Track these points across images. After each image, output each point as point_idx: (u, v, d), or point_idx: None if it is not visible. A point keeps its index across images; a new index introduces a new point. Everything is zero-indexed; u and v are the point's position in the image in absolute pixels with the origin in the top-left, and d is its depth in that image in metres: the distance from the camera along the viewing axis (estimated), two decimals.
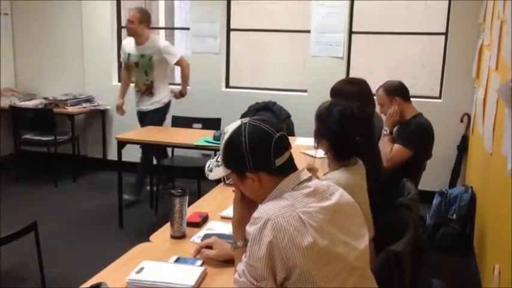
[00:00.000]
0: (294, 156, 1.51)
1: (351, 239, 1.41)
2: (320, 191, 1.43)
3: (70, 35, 5.69)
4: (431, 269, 2.82)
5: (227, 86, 5.48)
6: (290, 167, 1.46)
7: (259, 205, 1.44)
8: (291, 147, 1.50)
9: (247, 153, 1.42)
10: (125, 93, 4.81)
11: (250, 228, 1.36)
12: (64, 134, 5.36)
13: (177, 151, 4.72)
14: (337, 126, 1.95)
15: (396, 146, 3.13)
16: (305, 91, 5.19)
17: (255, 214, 1.38)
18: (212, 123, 4.64)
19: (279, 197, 1.41)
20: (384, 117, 3.34)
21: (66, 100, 5.37)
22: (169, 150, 4.68)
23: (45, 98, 5.46)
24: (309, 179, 1.46)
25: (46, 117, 5.16)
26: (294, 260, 1.30)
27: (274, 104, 5.01)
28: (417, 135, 3.15)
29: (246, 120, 1.49)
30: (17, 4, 5.78)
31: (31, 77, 5.87)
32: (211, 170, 1.56)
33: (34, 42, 5.81)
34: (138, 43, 4.52)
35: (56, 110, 5.25)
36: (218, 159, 1.54)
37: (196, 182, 4.29)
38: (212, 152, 4.55)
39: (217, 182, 3.56)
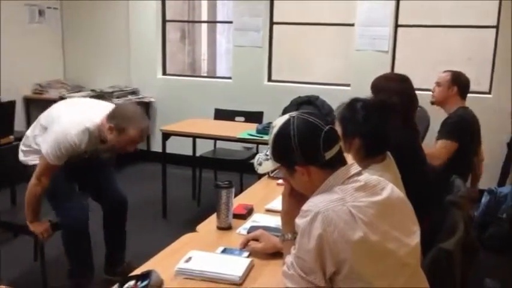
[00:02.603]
0: None
1: (403, 235, 1.39)
2: (370, 185, 1.41)
3: (117, 29, 5.82)
4: (482, 269, 2.75)
5: (269, 79, 5.48)
6: (340, 160, 1.45)
7: (309, 198, 1.44)
8: (340, 141, 1.49)
9: (296, 147, 1.41)
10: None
11: (300, 221, 1.36)
12: None
13: (219, 144, 4.75)
14: (366, 120, 1.88)
15: (440, 142, 3.11)
16: (348, 85, 5.13)
17: (305, 207, 1.37)
18: (254, 117, 4.65)
19: (328, 190, 1.40)
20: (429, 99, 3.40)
21: (113, 92, 5.50)
22: (211, 142, 4.70)
23: (92, 90, 5.60)
24: (358, 173, 1.45)
25: None
26: (344, 255, 1.29)
27: (317, 98, 4.94)
28: (458, 126, 3.15)
29: (294, 113, 1.48)
30: None
31: (79, 70, 6.04)
32: (260, 164, 1.57)
33: (82, 36, 5.98)
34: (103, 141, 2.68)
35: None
36: (267, 153, 1.55)
37: (238, 174, 4.32)
38: (254, 145, 4.58)
39: (260, 175, 3.56)
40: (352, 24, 5.00)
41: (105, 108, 2.68)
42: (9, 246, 3.50)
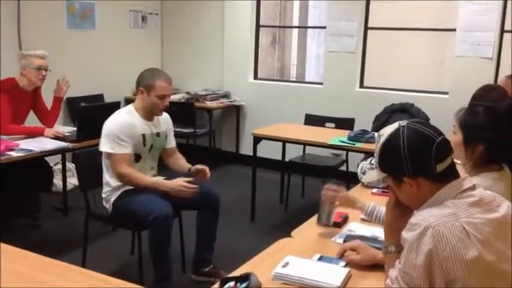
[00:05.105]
0: None
1: None
2: (486, 201, 1.33)
3: (212, 34, 6.01)
4: None
5: (361, 85, 5.38)
6: (452, 173, 1.38)
7: (417, 211, 1.38)
8: (453, 153, 1.41)
9: (405, 158, 1.36)
10: None
11: (407, 235, 1.31)
12: (202, 127, 5.68)
13: (308, 149, 4.73)
14: (493, 126, 1.78)
15: None
16: (446, 93, 4.90)
17: (413, 220, 1.32)
18: (345, 123, 4.57)
19: (439, 204, 1.34)
20: None
21: (206, 95, 5.68)
22: (300, 147, 4.69)
23: (187, 93, 5.82)
24: (472, 188, 1.37)
25: (187, 110, 5.49)
26: (456, 274, 1.23)
27: (412, 106, 4.79)
28: None
29: (404, 122, 1.43)
30: (166, 4, 6.25)
31: (176, 73, 6.23)
32: (364, 173, 1.54)
33: (180, 41, 6.25)
34: (147, 117, 2.98)
35: (196, 104, 5.58)
36: (372, 162, 1.52)
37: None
38: (343, 152, 4.50)
39: (350, 183, 3.48)
40: (454, 29, 4.77)
41: None
42: (108, 239, 3.72)
